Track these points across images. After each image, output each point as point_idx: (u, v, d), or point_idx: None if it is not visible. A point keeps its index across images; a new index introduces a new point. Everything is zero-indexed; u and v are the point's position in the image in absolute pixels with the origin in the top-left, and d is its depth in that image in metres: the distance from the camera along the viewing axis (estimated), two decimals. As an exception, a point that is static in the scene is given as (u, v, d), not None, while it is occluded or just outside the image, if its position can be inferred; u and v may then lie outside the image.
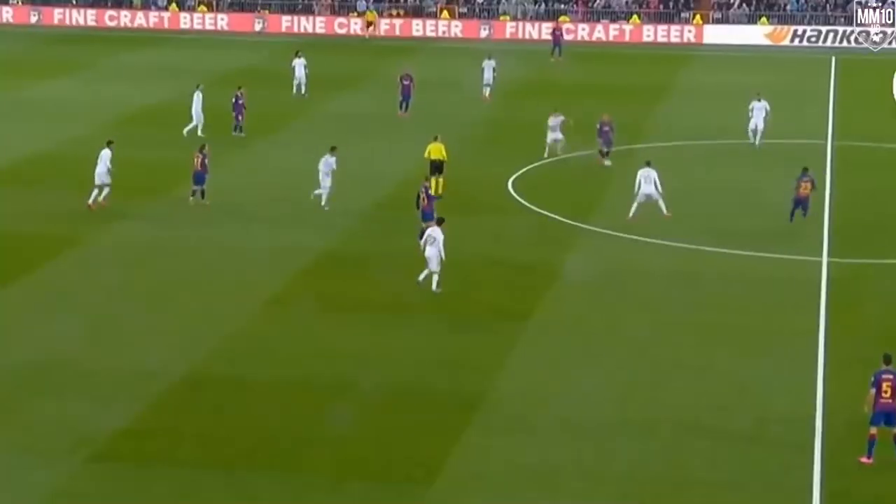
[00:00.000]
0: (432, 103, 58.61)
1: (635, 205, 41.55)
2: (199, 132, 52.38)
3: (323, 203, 42.57)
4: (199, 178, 43.07)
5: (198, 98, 53.30)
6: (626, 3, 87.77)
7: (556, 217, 42.57)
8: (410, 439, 26.69)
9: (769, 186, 46.07)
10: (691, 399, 28.71)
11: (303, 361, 30.83)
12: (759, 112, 52.48)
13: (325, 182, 42.60)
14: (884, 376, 25.38)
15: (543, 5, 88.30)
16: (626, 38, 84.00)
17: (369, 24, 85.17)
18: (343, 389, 29.16)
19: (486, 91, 62.59)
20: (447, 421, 27.46)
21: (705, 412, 28.06)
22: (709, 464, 25.81)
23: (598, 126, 49.03)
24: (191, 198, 43.14)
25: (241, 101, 53.60)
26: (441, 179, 43.66)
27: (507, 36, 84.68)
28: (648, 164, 42.13)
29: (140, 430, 27.04)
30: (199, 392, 29.02)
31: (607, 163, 48.51)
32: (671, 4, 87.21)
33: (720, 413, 28.05)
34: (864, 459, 25.47)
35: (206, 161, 43.07)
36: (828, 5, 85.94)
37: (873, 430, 25.31)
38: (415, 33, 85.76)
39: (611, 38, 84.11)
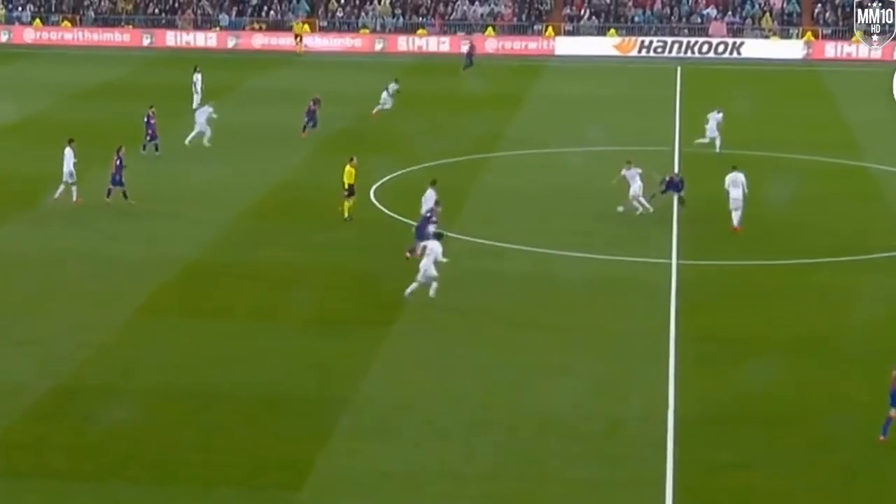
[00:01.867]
0: (299, 116, 58.59)
1: (737, 212, 42.60)
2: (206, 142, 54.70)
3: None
4: (113, 180, 44.70)
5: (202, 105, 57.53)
6: (482, 15, 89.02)
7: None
8: (278, 445, 27.07)
9: (621, 192, 47.35)
10: (550, 399, 29.52)
11: (170, 370, 31.06)
12: (713, 121, 54.92)
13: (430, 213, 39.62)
14: None
15: (402, 19, 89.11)
16: (482, 50, 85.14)
17: (297, 37, 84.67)
18: (210, 397, 29.47)
19: (377, 108, 62.49)
20: (314, 426, 27.93)
21: (563, 412, 28.86)
22: (567, 462, 26.57)
23: (666, 179, 45.83)
24: (106, 198, 44.73)
25: (152, 121, 53.07)
26: (349, 202, 43.77)
27: (368, 49, 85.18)
28: (735, 168, 43.36)
29: (8, 442, 27.00)
30: (67, 403, 29.05)
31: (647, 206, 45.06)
32: (524, 17, 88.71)
33: (577, 412, 28.86)
34: (881, 438, 27.08)
35: (118, 163, 44.69)
36: (673, 17, 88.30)
37: (892, 412, 26.86)
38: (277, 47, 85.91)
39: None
